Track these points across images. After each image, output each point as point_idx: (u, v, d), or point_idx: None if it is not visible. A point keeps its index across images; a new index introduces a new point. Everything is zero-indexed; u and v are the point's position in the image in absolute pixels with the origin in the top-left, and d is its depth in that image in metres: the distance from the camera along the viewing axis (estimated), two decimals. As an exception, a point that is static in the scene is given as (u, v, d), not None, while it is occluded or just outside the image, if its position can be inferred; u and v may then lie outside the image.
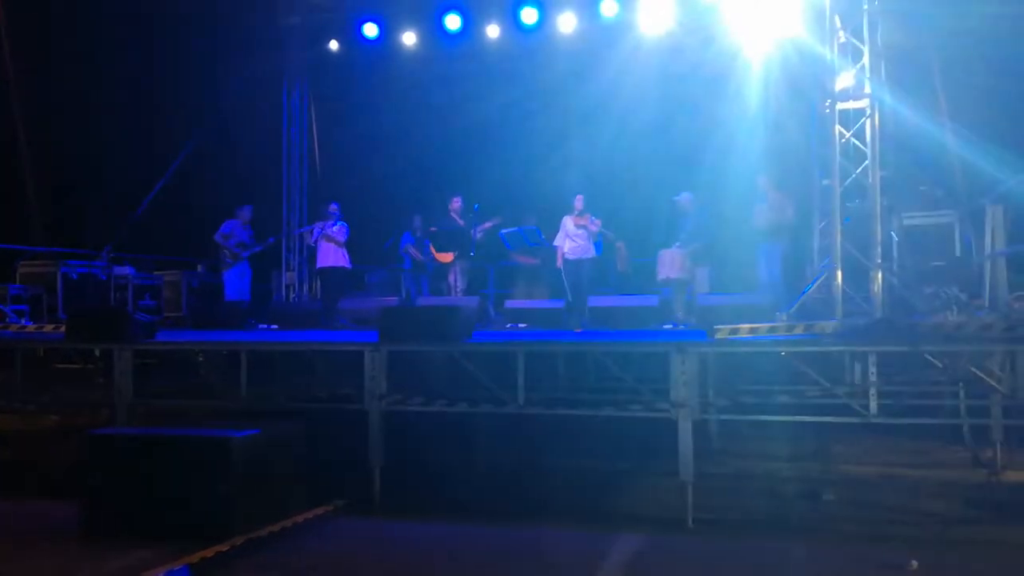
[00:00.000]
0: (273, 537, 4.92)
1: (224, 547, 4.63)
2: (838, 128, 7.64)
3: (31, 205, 12.36)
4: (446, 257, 11.18)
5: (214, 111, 12.30)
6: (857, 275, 7.50)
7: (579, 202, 10.32)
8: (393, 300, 11.58)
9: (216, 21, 12.05)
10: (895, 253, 8.39)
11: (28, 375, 7.12)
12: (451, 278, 10.74)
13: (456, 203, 11.02)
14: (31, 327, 8.96)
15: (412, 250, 11.91)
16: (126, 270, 11.71)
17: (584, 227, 10.17)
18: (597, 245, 10.32)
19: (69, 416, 7.80)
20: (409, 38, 12.83)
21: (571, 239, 10.23)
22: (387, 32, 12.88)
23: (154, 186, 12.32)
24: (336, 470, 5.89)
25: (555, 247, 10.37)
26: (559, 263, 10.27)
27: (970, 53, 8.91)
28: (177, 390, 7.51)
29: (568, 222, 10.27)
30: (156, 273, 12.34)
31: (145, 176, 12.52)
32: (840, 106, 7.69)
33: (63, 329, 7.18)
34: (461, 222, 10.77)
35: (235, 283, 10.89)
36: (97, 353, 7.57)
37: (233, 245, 10.85)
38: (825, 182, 8.45)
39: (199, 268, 12.70)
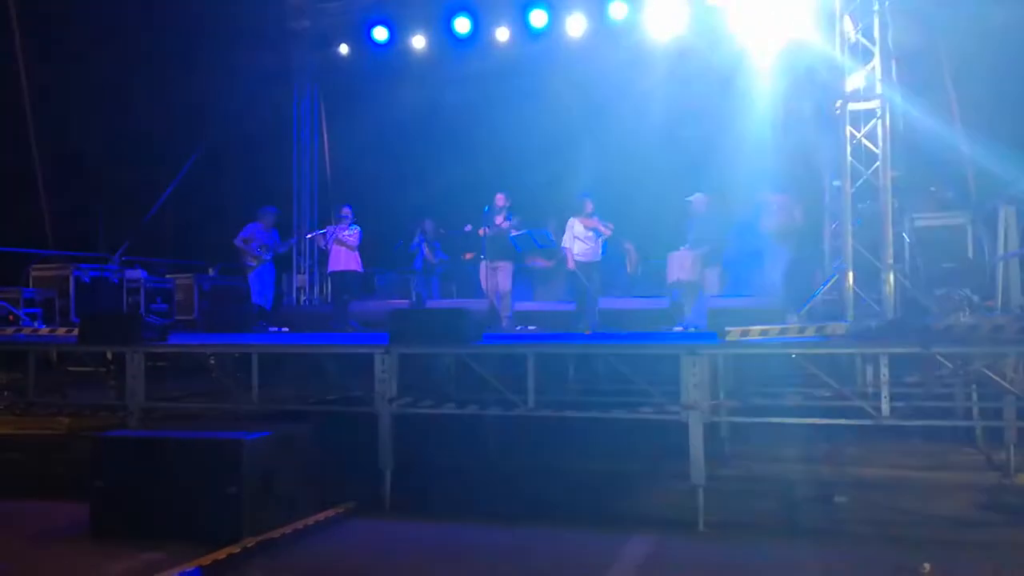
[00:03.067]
0: (284, 539, 4.93)
1: (235, 549, 4.64)
2: (849, 129, 7.62)
3: (43, 209, 12.44)
4: (469, 255, 11.15)
5: (225, 114, 12.35)
6: (868, 277, 7.48)
7: (588, 205, 10.30)
8: (403, 303, 11.60)
9: (226, 25, 12.12)
10: (907, 255, 8.35)
11: (41, 378, 7.16)
12: (496, 280, 10.57)
13: (500, 199, 10.72)
14: (44, 330, 9.00)
15: (425, 248, 11.93)
16: (138, 273, 11.76)
17: (594, 229, 10.16)
18: (604, 246, 10.32)
19: (82, 419, 7.83)
20: (419, 41, 12.86)
21: (580, 241, 10.22)
22: (397, 35, 12.92)
23: (165, 189, 12.40)
24: (346, 472, 5.91)
25: (563, 249, 10.35)
26: (570, 264, 10.25)
27: (981, 54, 8.86)
28: (189, 393, 7.55)
29: (576, 224, 10.25)
30: (168, 276, 12.40)
31: (157, 179, 12.60)
32: (851, 107, 7.67)
33: (75, 332, 7.22)
34: (499, 218, 10.64)
35: (260, 284, 10.89)
36: (109, 356, 7.61)
37: (255, 248, 10.86)
38: (836, 183, 8.42)
39: (211, 271, 12.76)
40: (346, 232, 10.79)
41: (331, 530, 5.23)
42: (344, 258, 10.82)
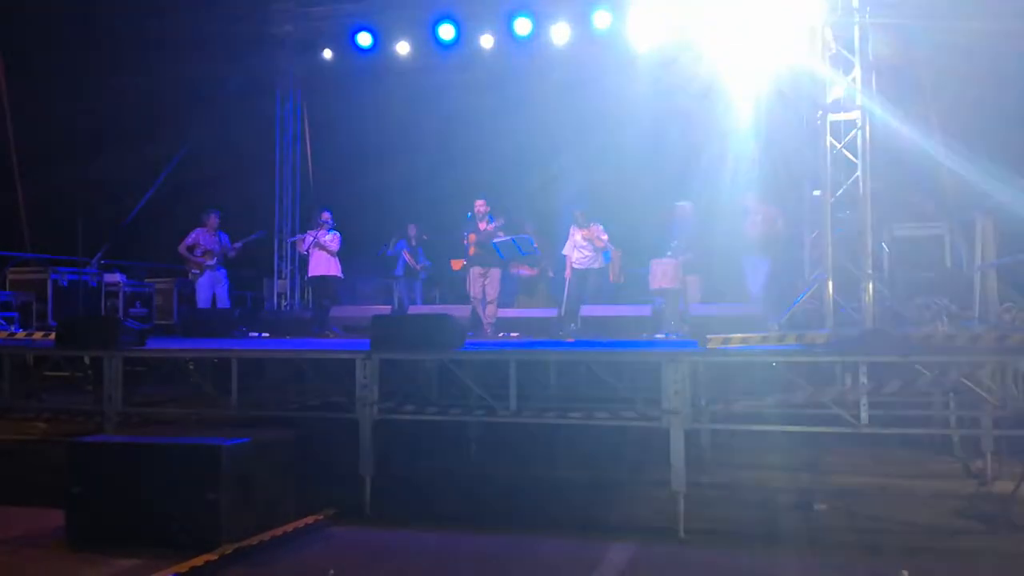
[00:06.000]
0: (263, 546, 4.88)
1: (213, 556, 4.59)
2: (829, 139, 7.70)
3: (21, 211, 12.31)
4: (458, 264, 11.20)
5: (207, 118, 12.30)
6: (848, 286, 7.55)
7: (579, 215, 10.43)
8: (385, 308, 11.57)
9: (209, 29, 12.06)
10: (886, 264, 8.44)
11: (17, 383, 7.06)
12: (483, 286, 10.58)
13: (480, 206, 10.76)
14: (20, 334, 8.90)
15: (407, 256, 11.93)
16: (116, 277, 11.68)
17: (590, 240, 10.32)
18: (605, 254, 10.46)
19: (58, 424, 7.74)
20: (403, 47, 12.86)
21: (578, 250, 10.38)
22: (381, 41, 12.91)
23: (146, 193, 12.31)
24: (327, 478, 5.86)
25: (563, 256, 10.56)
26: (567, 273, 10.47)
27: (960, 67, 8.98)
28: (167, 398, 7.47)
29: (575, 233, 10.42)
30: (147, 280, 12.33)
31: (137, 183, 12.51)
32: (831, 117, 7.76)
33: (53, 336, 7.13)
34: (482, 225, 10.69)
35: (206, 291, 10.94)
36: (87, 360, 7.52)
37: (199, 255, 10.88)
38: (816, 193, 8.50)
39: (189, 276, 12.66)
40: (326, 237, 10.77)
41: (310, 537, 5.19)
42: (324, 263, 10.80)
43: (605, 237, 10.36)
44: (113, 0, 11.87)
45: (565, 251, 10.49)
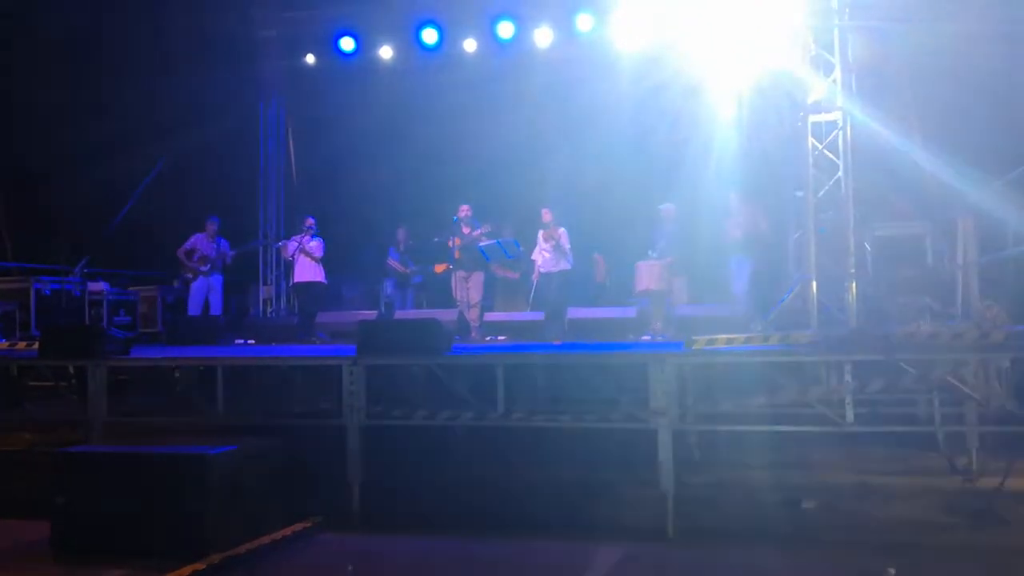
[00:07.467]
0: (251, 555, 4.86)
1: (201, 565, 4.57)
2: (811, 140, 7.75)
3: (2, 219, 12.20)
4: (440, 267, 11.19)
5: (189, 124, 12.22)
6: (832, 285, 7.59)
7: (545, 215, 10.37)
8: (371, 313, 11.54)
9: (191, 34, 12.00)
10: (868, 264, 8.49)
11: (0, 393, 7.00)
12: (467, 290, 10.59)
13: (464, 211, 10.80)
14: (3, 344, 8.81)
15: (395, 264, 11.90)
16: (100, 285, 11.57)
17: (551, 239, 10.26)
18: (569, 259, 10.40)
19: (43, 434, 7.67)
20: (386, 52, 12.84)
21: (541, 252, 10.33)
22: (364, 46, 12.89)
23: (129, 200, 12.24)
24: (314, 485, 5.85)
25: (532, 260, 10.48)
26: (534, 276, 10.40)
27: (939, 69, 9.06)
28: (153, 407, 7.42)
29: (539, 235, 10.39)
30: (131, 288, 12.22)
31: (120, 190, 12.42)
32: (813, 118, 7.80)
33: (36, 346, 7.07)
34: (466, 229, 10.69)
35: (199, 297, 10.96)
36: (71, 370, 7.46)
37: (195, 260, 10.87)
38: (799, 194, 8.55)
39: (175, 283, 12.59)
40: (311, 243, 10.74)
41: (298, 545, 5.18)
42: (309, 269, 10.77)
43: (562, 231, 10.31)
44: (93, 6, 11.78)
45: (533, 255, 10.47)
